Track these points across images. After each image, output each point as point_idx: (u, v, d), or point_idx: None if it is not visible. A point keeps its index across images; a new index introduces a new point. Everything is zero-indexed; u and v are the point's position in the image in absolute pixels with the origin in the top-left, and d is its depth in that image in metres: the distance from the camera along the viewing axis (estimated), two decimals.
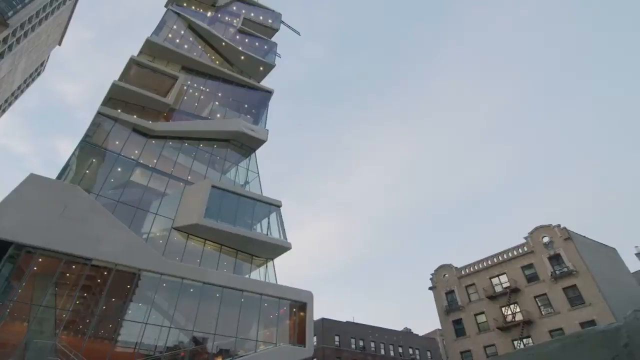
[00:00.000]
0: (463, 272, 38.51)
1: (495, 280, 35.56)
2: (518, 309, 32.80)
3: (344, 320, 50.16)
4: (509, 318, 32.89)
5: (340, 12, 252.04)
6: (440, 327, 45.99)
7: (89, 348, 15.70)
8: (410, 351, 51.86)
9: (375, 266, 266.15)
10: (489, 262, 36.77)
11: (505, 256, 35.88)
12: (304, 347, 20.46)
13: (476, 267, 37.57)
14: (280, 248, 23.65)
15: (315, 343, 44.12)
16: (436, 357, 54.53)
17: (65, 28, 75.72)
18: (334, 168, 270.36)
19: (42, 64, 76.79)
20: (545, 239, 33.54)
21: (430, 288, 40.94)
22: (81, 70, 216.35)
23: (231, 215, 22.92)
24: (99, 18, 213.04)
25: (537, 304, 31.87)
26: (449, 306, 37.95)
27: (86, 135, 22.06)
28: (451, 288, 38.60)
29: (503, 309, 33.72)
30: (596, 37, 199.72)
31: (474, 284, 36.99)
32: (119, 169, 22.43)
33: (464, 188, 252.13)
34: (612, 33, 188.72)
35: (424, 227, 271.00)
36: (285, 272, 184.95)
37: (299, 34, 47.57)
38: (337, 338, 46.97)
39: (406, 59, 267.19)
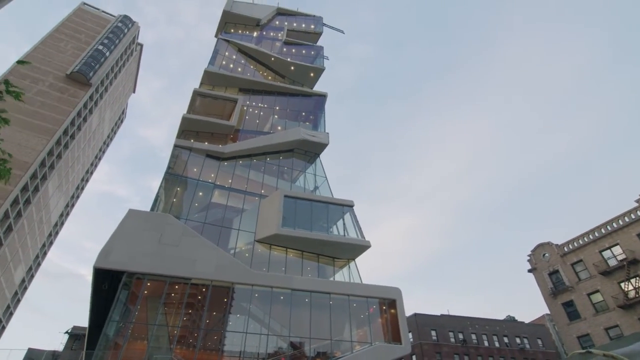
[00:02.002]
0: (566, 249, 34.60)
1: (606, 254, 31.36)
2: None
3: (439, 314, 48.18)
4: (632, 294, 28.68)
5: (384, 7, 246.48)
6: (548, 312, 41.92)
7: (200, 359, 17.06)
8: (517, 340, 47.95)
9: (462, 256, 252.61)
10: (596, 233, 32.55)
11: (614, 225, 31.47)
12: (400, 344, 19.94)
13: (581, 242, 33.50)
14: (359, 247, 23.46)
15: (411, 339, 43.01)
16: (548, 344, 49.65)
17: (136, 76, 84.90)
18: (402, 163, 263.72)
19: (123, 112, 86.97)
20: None
21: (529, 270, 37.46)
22: (160, 115, 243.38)
23: (307, 221, 23.38)
24: (166, 67, 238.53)
25: None
26: (555, 288, 34.34)
27: (168, 168, 24.27)
28: (554, 268, 34.91)
29: (622, 284, 29.55)
30: None
31: (581, 261, 33.03)
32: (200, 193, 24.21)
33: (543, 164, 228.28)
34: None
35: (507, 209, 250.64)
36: (369, 271, 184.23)
37: (342, 32, 47.31)
38: (433, 333, 45.24)
39: (457, 42, 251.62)
